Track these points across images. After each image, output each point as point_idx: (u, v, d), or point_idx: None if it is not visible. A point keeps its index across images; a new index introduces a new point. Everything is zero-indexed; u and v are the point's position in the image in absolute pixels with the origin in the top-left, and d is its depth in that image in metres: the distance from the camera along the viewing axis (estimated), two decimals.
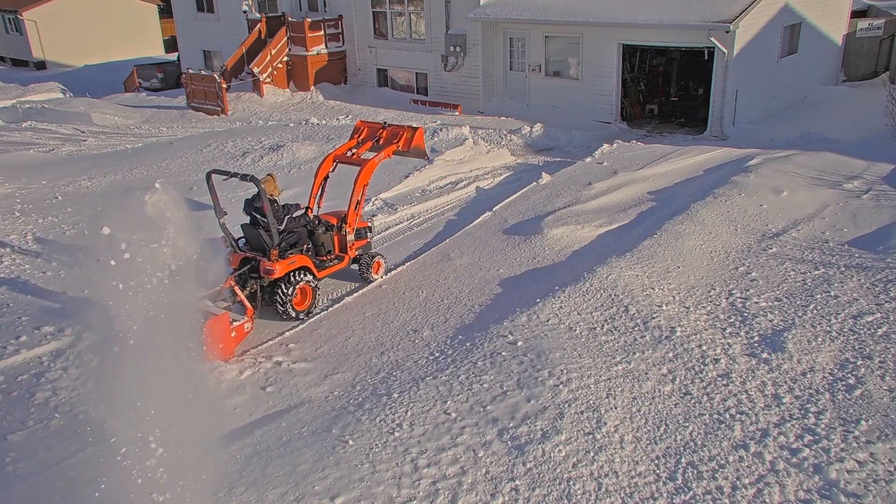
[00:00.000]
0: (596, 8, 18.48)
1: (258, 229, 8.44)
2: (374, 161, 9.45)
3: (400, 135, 9.73)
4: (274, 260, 8.34)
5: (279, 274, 8.34)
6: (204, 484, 4.76)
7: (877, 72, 21.69)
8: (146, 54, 39.88)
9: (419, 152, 9.94)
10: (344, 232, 9.29)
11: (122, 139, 18.81)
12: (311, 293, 8.71)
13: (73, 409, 6.92)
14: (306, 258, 8.72)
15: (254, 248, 8.72)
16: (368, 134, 9.98)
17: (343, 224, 9.32)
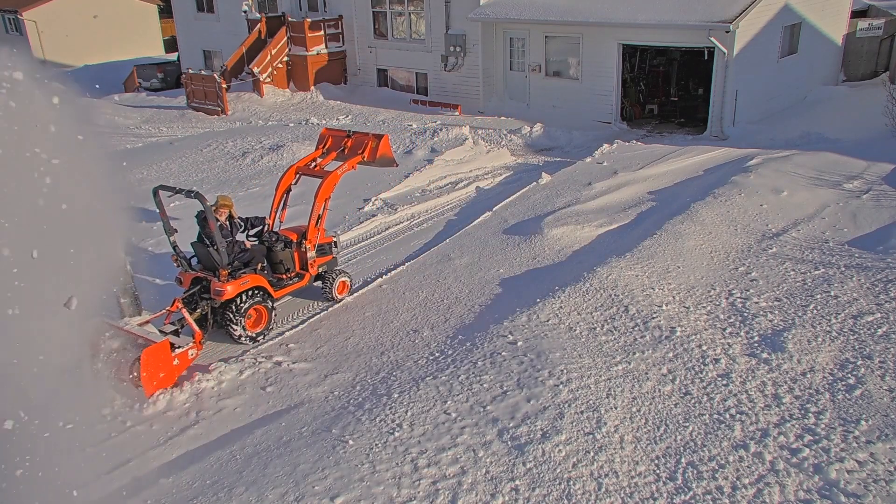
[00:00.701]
0: (596, 8, 18.47)
1: (208, 248, 8.00)
2: (337, 174, 8.96)
3: (365, 144, 9.21)
4: (224, 280, 7.87)
5: (230, 295, 7.87)
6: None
7: (877, 72, 21.68)
8: (146, 54, 39.87)
9: (386, 161, 9.41)
10: (304, 248, 8.81)
11: (122, 139, 18.80)
12: (266, 314, 8.23)
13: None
14: (261, 277, 8.23)
15: (205, 268, 8.25)
16: (333, 143, 9.48)
17: (303, 240, 8.83)
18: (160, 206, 8.23)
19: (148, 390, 7.12)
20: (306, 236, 8.85)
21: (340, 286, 9.07)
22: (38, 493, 5.01)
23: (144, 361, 7.06)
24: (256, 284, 8.16)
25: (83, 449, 6.10)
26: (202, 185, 13.99)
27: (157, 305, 8.25)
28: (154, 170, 15.17)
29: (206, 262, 8.20)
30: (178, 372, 7.41)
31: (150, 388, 7.14)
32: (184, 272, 8.34)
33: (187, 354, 7.45)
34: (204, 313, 8.03)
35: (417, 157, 14.79)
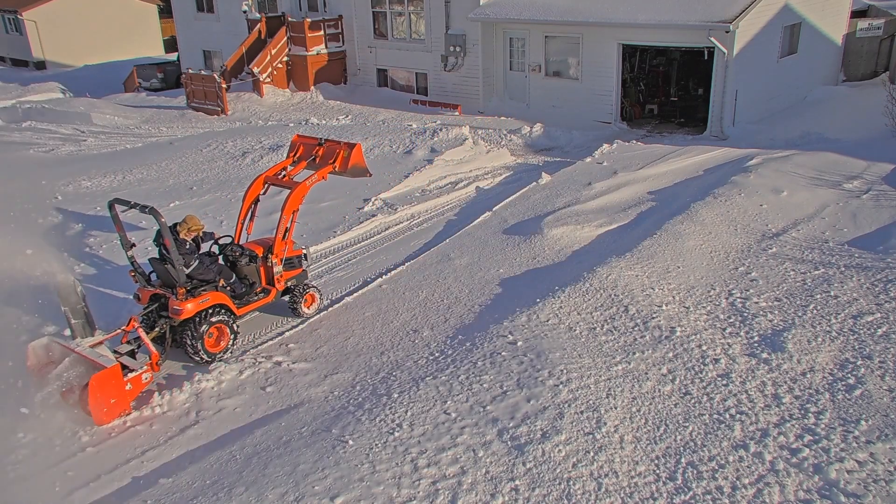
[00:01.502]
0: (596, 8, 18.47)
1: (166, 265, 7.62)
2: (305, 185, 8.50)
3: (336, 153, 8.78)
4: (182, 299, 7.47)
5: (189, 314, 7.48)
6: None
7: (877, 72, 21.68)
8: (146, 54, 39.88)
9: (359, 171, 8.99)
10: (270, 263, 8.41)
11: (122, 139, 18.80)
12: (227, 333, 7.84)
13: None
14: (222, 294, 7.84)
15: (164, 284, 7.85)
16: (304, 152, 9.09)
17: (269, 254, 8.43)
18: (116, 219, 7.79)
19: (97, 418, 6.67)
20: (273, 250, 8.43)
21: (308, 299, 8.70)
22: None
23: (93, 388, 6.55)
24: (217, 302, 7.75)
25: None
26: (202, 185, 14.00)
27: (116, 321, 8.05)
28: (154, 170, 15.17)
29: (165, 279, 7.82)
30: (132, 397, 6.95)
31: (100, 416, 6.68)
32: (142, 288, 7.96)
33: (140, 378, 6.98)
34: (162, 332, 7.65)
35: (417, 157, 14.78)
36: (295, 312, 8.68)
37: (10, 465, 6.19)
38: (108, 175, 14.81)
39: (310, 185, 8.59)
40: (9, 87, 28.29)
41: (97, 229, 11.59)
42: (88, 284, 9.31)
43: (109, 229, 11.32)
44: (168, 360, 7.73)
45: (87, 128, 19.98)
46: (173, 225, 7.67)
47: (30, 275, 7.89)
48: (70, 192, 13.76)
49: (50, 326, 8.02)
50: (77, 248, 11.02)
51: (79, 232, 11.71)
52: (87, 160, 16.23)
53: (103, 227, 11.51)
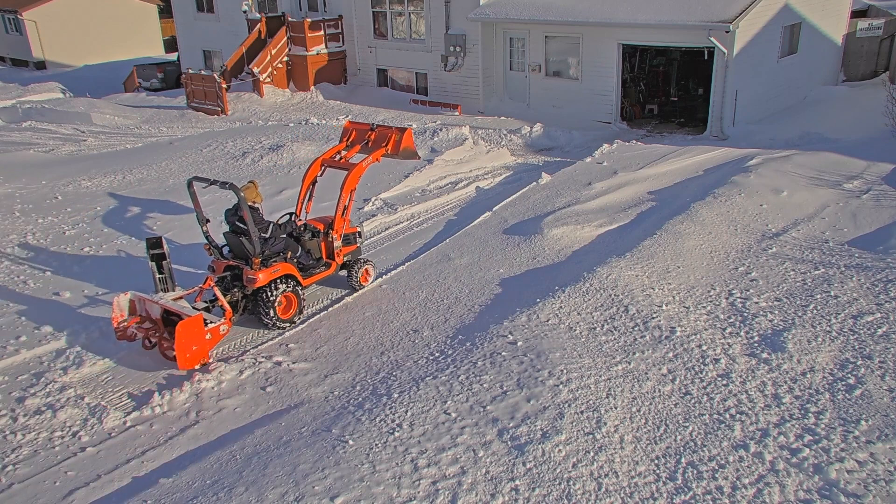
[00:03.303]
0: (596, 8, 18.48)
1: (240, 238, 8.25)
2: (362, 166, 9.20)
3: (388, 137, 9.45)
4: (256, 268, 8.14)
5: (262, 283, 8.15)
6: None
7: (877, 72, 21.68)
8: (146, 54, 39.87)
9: (409, 153, 9.67)
10: (331, 238, 9.08)
11: (122, 139, 18.80)
12: (296, 301, 8.49)
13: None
14: (290, 266, 8.49)
15: (237, 257, 8.50)
16: (357, 136, 9.73)
17: (330, 230, 9.10)
18: (193, 196, 8.46)
19: (181, 362, 7.30)
20: (333, 226, 9.12)
21: (364, 274, 9.36)
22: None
23: (179, 333, 7.18)
24: (287, 272, 8.40)
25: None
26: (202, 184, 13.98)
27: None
28: (154, 170, 15.17)
29: (238, 252, 8.44)
30: (210, 346, 7.61)
31: (184, 361, 7.31)
32: (216, 260, 8.58)
33: (219, 329, 7.63)
34: (235, 299, 8.30)
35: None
36: (352, 286, 9.33)
37: (10, 464, 6.20)
38: (108, 175, 14.81)
39: (366, 165, 9.28)
40: (9, 87, 28.29)
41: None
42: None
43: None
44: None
45: (87, 128, 19.98)
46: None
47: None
48: (70, 191, 13.76)
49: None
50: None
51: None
52: (87, 160, 16.23)
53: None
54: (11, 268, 10.22)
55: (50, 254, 10.71)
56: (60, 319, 8.70)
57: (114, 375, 7.60)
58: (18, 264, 10.36)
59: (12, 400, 7.12)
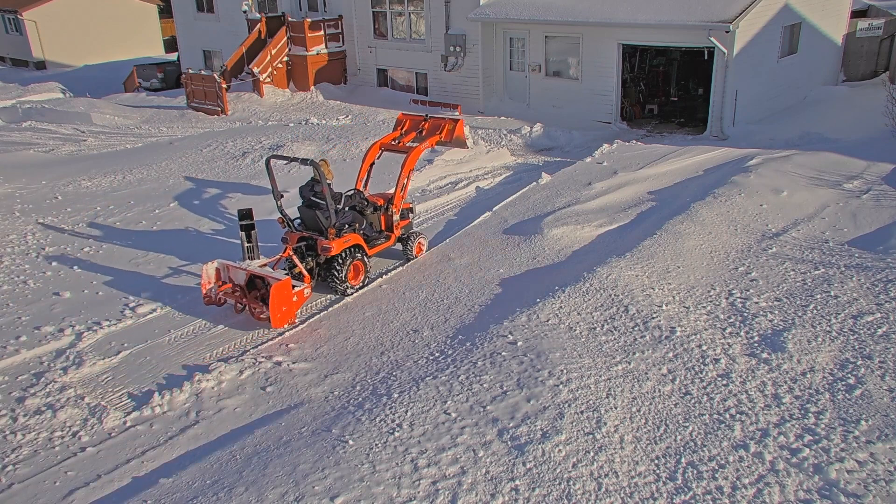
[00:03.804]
0: (596, 8, 18.47)
1: (314, 211, 9.10)
2: (420, 148, 10.26)
3: (442, 126, 10.57)
4: (331, 238, 8.97)
5: (335, 251, 8.98)
6: None
7: (877, 72, 21.68)
8: (146, 54, 39.87)
9: (460, 142, 10.85)
10: (391, 212, 10.00)
11: (122, 139, 18.80)
12: (363, 269, 9.39)
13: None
14: (359, 237, 9.40)
15: (309, 228, 9.37)
16: (411, 125, 10.82)
17: (390, 205, 10.02)
18: (270, 173, 9.27)
19: (274, 321, 8.13)
20: (392, 202, 10.00)
21: (418, 246, 10.25)
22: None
23: (273, 294, 7.96)
24: (356, 243, 9.29)
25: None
26: (202, 184, 14.00)
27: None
28: (154, 170, 15.17)
29: (311, 224, 9.30)
30: (297, 307, 8.46)
31: (276, 320, 8.14)
32: (290, 232, 9.37)
33: (303, 293, 8.48)
34: (310, 267, 9.14)
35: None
36: (407, 256, 10.19)
37: (10, 464, 6.20)
38: (108, 175, 14.81)
39: (423, 149, 10.38)
40: (9, 87, 28.30)
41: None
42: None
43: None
44: (178, 355, 7.76)
45: (87, 128, 19.98)
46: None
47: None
48: (70, 191, 13.77)
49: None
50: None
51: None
52: (87, 160, 16.24)
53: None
54: (12, 267, 10.22)
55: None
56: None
57: (114, 375, 7.60)
58: (19, 264, 10.37)
59: (12, 400, 7.12)
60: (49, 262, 10.43)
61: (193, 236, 11.37)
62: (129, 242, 11.09)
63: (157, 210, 12.53)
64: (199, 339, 8.32)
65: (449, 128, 10.58)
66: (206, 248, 10.68)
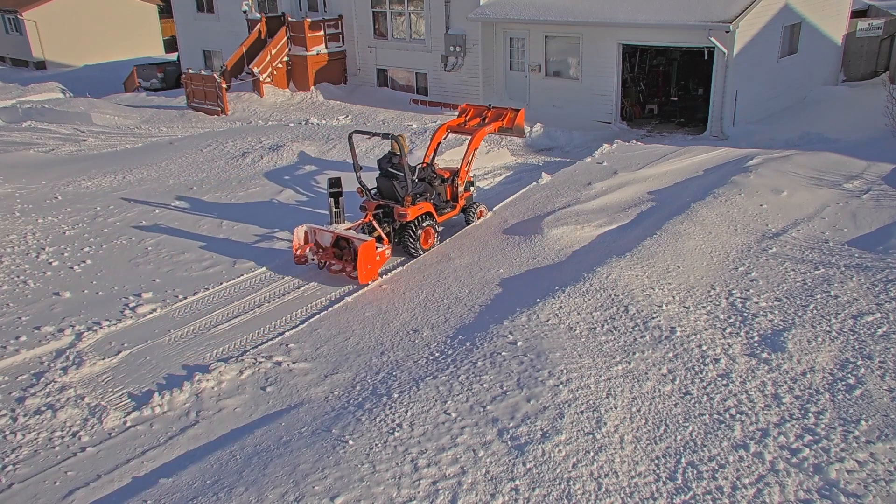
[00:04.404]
0: (596, 8, 18.47)
1: (392, 181, 10.13)
2: (485, 130, 11.46)
3: (504, 114, 11.75)
4: (407, 206, 9.99)
5: (411, 217, 10.05)
6: None
7: (877, 72, 21.67)
8: (146, 54, 39.88)
9: (519, 130, 11.91)
10: (455, 184, 11.12)
11: (122, 139, 18.80)
12: (433, 234, 10.48)
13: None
14: (430, 205, 10.45)
15: (385, 197, 10.40)
16: (475, 113, 11.95)
17: (455, 178, 11.12)
18: (352, 147, 10.51)
19: (362, 277, 9.17)
20: (458, 175, 11.12)
21: (479, 212, 11.46)
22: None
23: (361, 253, 9.02)
24: (427, 210, 10.35)
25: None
26: (202, 184, 14.00)
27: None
28: (154, 170, 15.17)
29: (388, 193, 10.34)
30: (380, 266, 9.50)
31: (364, 276, 9.17)
32: (368, 201, 10.43)
33: (385, 253, 9.55)
34: (387, 232, 10.12)
35: (417, 157, 14.78)
36: (469, 222, 11.36)
37: (10, 464, 6.20)
38: (108, 175, 14.82)
39: (487, 132, 11.55)
40: (9, 87, 28.32)
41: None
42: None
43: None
44: (178, 355, 7.77)
45: (87, 128, 19.99)
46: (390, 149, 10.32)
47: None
48: (70, 191, 13.77)
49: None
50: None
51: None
52: (87, 160, 16.24)
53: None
54: (11, 267, 10.23)
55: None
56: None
57: (114, 375, 7.60)
58: (18, 264, 10.37)
59: (12, 400, 7.12)
60: (49, 262, 10.43)
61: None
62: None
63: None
64: (199, 339, 8.33)
65: (511, 115, 11.67)
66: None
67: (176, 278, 9.86)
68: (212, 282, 9.68)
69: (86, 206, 12.82)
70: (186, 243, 11.02)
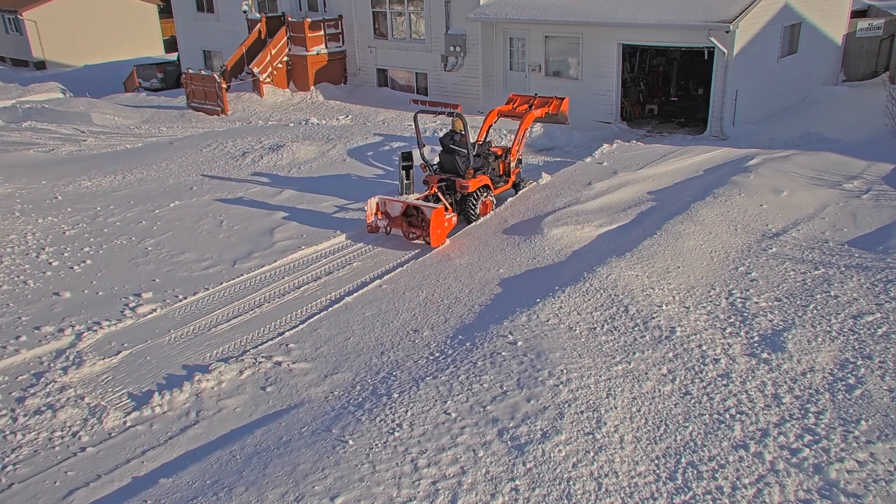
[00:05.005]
0: (596, 8, 18.46)
1: (454, 156, 11.38)
2: (534, 113, 12.73)
3: (551, 101, 13.00)
4: (469, 178, 11.26)
5: (472, 189, 11.30)
6: None
7: (877, 72, 21.66)
8: (146, 54, 39.87)
9: (564, 117, 13.13)
10: (508, 161, 12.37)
11: (122, 139, 18.80)
12: (490, 204, 11.79)
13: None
14: (488, 178, 11.76)
15: (446, 172, 11.59)
16: (523, 100, 13.20)
17: (508, 155, 12.39)
18: (417, 126, 11.94)
19: (433, 240, 10.39)
20: (510, 152, 12.41)
21: (530, 186, 12.82)
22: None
23: (433, 218, 10.29)
24: (486, 183, 11.68)
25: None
26: (202, 184, 14.00)
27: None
28: (154, 170, 15.17)
29: (449, 168, 11.57)
30: (447, 231, 10.70)
31: (435, 239, 10.40)
32: (430, 175, 11.66)
33: (452, 220, 10.84)
34: (450, 202, 11.27)
35: (417, 157, 14.80)
36: (517, 191, 12.66)
37: (10, 464, 6.20)
38: (108, 175, 14.82)
39: (536, 115, 12.82)
40: (9, 87, 28.31)
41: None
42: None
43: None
44: (178, 355, 7.77)
45: (87, 128, 19.99)
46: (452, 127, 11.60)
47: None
48: (70, 191, 13.77)
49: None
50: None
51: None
52: (87, 160, 16.24)
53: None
54: (11, 267, 10.23)
55: (50, 253, 10.74)
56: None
57: (114, 375, 7.60)
58: (18, 264, 10.38)
59: (12, 400, 7.12)
60: (49, 262, 10.43)
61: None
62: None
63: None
64: (199, 339, 8.33)
65: (556, 103, 12.98)
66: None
67: (176, 278, 9.86)
68: (212, 282, 9.68)
69: (86, 206, 12.82)
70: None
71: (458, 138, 11.35)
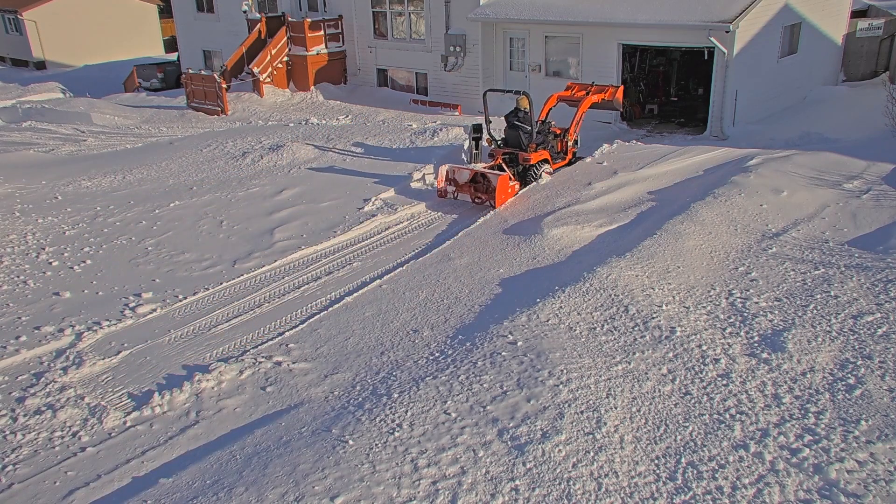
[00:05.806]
0: (596, 8, 18.47)
1: (517, 132, 12.93)
2: (591, 98, 13.99)
3: (607, 89, 14.31)
4: (530, 152, 12.78)
5: (533, 161, 12.84)
6: None
7: (877, 72, 21.66)
8: (146, 54, 39.88)
9: (618, 104, 14.58)
10: (566, 139, 13.83)
11: (122, 139, 18.80)
12: (548, 177, 13.16)
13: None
14: (547, 153, 13.23)
15: (510, 146, 13.14)
16: (580, 88, 14.42)
17: (566, 134, 13.85)
18: (485, 105, 13.68)
19: (498, 202, 11.87)
20: (568, 131, 13.89)
21: (584, 163, 13.97)
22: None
23: (499, 183, 11.77)
24: (545, 157, 13.19)
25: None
26: (202, 184, 14.00)
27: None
28: (154, 170, 15.17)
29: (513, 142, 13.16)
30: (510, 197, 12.20)
31: (500, 202, 11.90)
32: (496, 149, 13.23)
33: (515, 187, 12.39)
34: (513, 173, 12.47)
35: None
36: (570, 164, 14.09)
37: (10, 464, 6.20)
38: (108, 175, 14.82)
39: (592, 100, 14.05)
40: (9, 87, 28.31)
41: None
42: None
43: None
44: (178, 355, 7.78)
45: (87, 128, 19.99)
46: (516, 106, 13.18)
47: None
48: (70, 191, 13.77)
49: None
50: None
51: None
52: (87, 160, 16.24)
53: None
54: (12, 267, 10.23)
55: (50, 253, 10.75)
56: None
57: (114, 375, 7.60)
58: (18, 264, 10.38)
59: (12, 400, 7.12)
60: (49, 262, 10.43)
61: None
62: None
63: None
64: (199, 339, 8.33)
65: (612, 90, 14.26)
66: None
67: (176, 278, 9.86)
68: (212, 282, 9.69)
69: (86, 206, 12.82)
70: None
71: (521, 115, 12.83)
